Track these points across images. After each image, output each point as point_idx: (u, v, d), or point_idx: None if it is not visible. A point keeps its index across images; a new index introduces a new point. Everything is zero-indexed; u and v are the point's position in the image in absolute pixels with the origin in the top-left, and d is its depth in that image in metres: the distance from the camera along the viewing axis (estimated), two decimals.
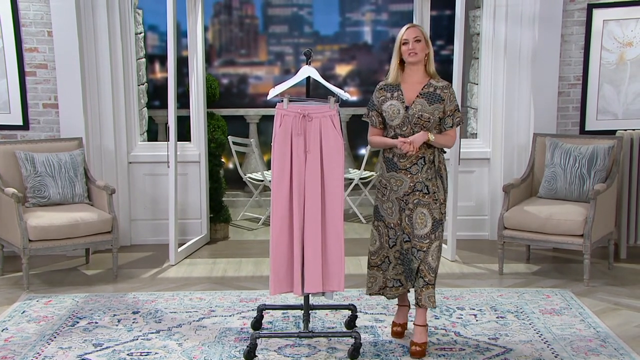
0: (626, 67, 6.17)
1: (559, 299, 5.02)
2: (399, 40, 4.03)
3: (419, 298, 4.07)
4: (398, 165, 4.06)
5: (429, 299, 4.06)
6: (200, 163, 6.57)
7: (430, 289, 4.05)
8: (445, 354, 4.13)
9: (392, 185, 4.09)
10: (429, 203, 4.03)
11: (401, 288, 4.25)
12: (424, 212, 4.03)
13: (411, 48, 3.99)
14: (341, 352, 4.14)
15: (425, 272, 4.03)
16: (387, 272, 4.23)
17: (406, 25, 4.08)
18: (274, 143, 3.99)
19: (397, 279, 4.23)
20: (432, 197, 4.03)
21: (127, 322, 4.64)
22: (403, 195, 4.06)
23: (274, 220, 4.02)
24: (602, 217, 5.42)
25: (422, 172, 4.03)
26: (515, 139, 6.36)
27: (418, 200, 4.03)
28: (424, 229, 4.03)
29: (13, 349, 4.24)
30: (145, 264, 5.98)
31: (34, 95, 6.12)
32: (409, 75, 4.08)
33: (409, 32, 4.01)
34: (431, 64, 4.07)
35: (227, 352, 4.16)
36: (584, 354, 4.11)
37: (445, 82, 4.09)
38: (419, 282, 4.06)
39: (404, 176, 4.05)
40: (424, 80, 4.06)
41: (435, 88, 4.04)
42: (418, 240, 4.03)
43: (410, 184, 4.04)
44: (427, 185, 4.03)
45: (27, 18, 6.01)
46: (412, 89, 4.05)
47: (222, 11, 11.37)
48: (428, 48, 4.04)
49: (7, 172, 5.65)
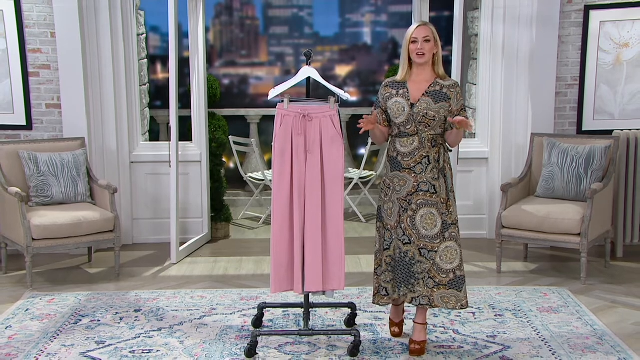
0: (622, 68, 6.17)
1: (556, 297, 5.02)
2: (408, 37, 3.94)
3: (430, 298, 3.96)
4: (402, 165, 3.99)
5: (443, 299, 3.96)
6: (201, 163, 6.57)
7: (442, 289, 3.95)
8: (444, 351, 4.13)
9: (395, 185, 4.01)
10: (436, 203, 3.95)
11: (386, 298, 4.14)
12: (432, 213, 3.95)
13: (420, 48, 3.91)
14: (341, 350, 4.14)
15: (435, 272, 3.95)
16: (380, 277, 4.16)
17: (416, 23, 3.98)
18: (275, 143, 3.99)
19: (384, 286, 4.14)
20: (439, 196, 3.96)
21: (129, 320, 4.64)
22: (406, 195, 3.97)
23: (275, 220, 4.02)
24: (599, 216, 5.42)
25: (427, 172, 3.95)
26: (513, 139, 6.36)
27: (424, 200, 3.95)
28: (434, 229, 3.95)
29: (17, 346, 4.25)
30: (147, 262, 5.99)
31: (37, 96, 6.13)
32: (416, 73, 4.00)
33: (419, 31, 3.92)
34: (439, 64, 4.00)
35: (228, 350, 4.16)
36: (581, 351, 4.11)
37: (453, 81, 4.02)
38: (428, 282, 3.96)
39: (407, 176, 3.97)
40: (431, 79, 3.99)
41: (442, 87, 3.97)
42: (429, 240, 3.95)
43: (414, 184, 3.96)
44: (433, 185, 3.95)
45: (30, 19, 6.01)
46: (419, 87, 3.98)
47: (223, 12, 11.36)
48: (437, 48, 3.96)
49: (11, 171, 5.65)
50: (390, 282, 4.12)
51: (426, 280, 3.97)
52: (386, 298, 4.15)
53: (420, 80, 3.99)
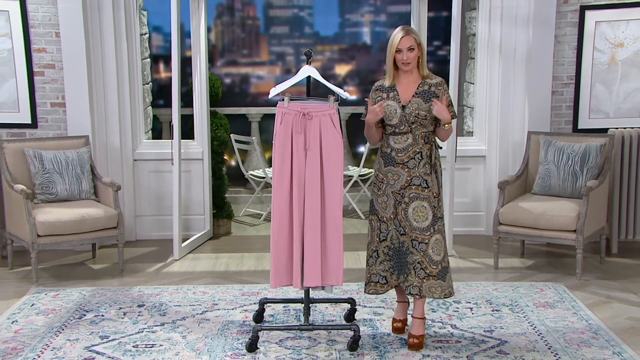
0: (617, 68, 6.18)
1: (552, 292, 5.03)
2: (393, 47, 4.01)
3: (420, 288, 4.03)
4: (396, 160, 4.05)
5: (430, 289, 4.03)
6: (203, 160, 6.58)
7: (432, 280, 4.01)
8: (442, 346, 4.14)
9: (389, 179, 4.08)
10: (428, 197, 4.02)
11: (386, 286, 4.18)
12: (424, 206, 4.02)
13: (405, 59, 3.99)
14: (340, 345, 4.15)
15: (426, 264, 4.01)
16: (373, 267, 4.20)
17: (400, 33, 4.01)
18: (275, 141, 4.00)
19: (383, 275, 4.18)
20: (431, 191, 4.04)
21: (132, 315, 4.66)
22: (400, 188, 4.05)
23: (275, 216, 4.03)
24: (594, 213, 5.44)
25: (420, 167, 4.02)
26: (510, 137, 6.37)
27: (416, 194, 4.02)
28: (425, 221, 4.02)
29: (23, 340, 4.26)
30: (150, 258, 6.00)
31: (42, 95, 6.13)
32: (403, 77, 4.08)
33: (403, 42, 3.97)
34: (424, 65, 4.09)
35: (230, 344, 4.18)
36: (576, 345, 4.13)
37: (439, 79, 4.10)
38: (419, 273, 4.03)
39: (401, 170, 4.04)
40: (418, 80, 4.07)
41: (430, 86, 4.06)
42: (419, 232, 4.02)
43: (407, 178, 4.03)
44: (425, 179, 4.03)
45: (35, 20, 6.02)
46: (408, 89, 4.06)
47: (224, 12, 11.38)
48: (420, 52, 4.03)
49: (17, 169, 5.66)
50: (388, 271, 4.18)
51: (417, 271, 4.04)
52: (386, 286, 4.20)
53: (408, 82, 4.08)
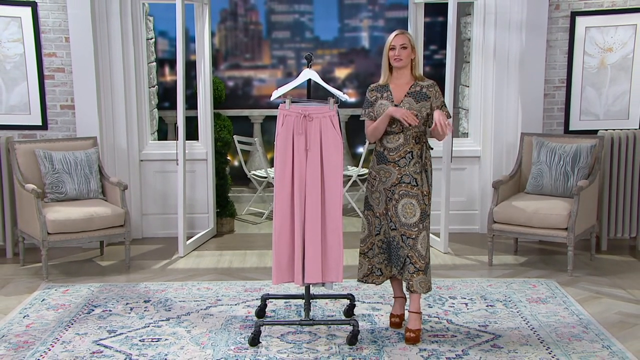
0: (607, 71, 6.17)
1: (544, 288, 5.03)
2: (387, 45, 4.08)
3: (411, 283, 4.07)
4: (387, 159, 4.09)
5: (420, 284, 4.06)
6: (207, 161, 6.57)
7: (421, 275, 4.05)
8: (438, 340, 4.14)
9: (381, 176, 4.11)
10: (417, 195, 4.04)
11: (382, 277, 4.24)
12: (412, 203, 4.04)
13: (397, 55, 4.04)
14: (340, 339, 4.15)
15: (415, 258, 4.04)
16: (372, 260, 4.24)
17: (395, 32, 4.11)
18: (277, 142, 4.00)
19: (379, 267, 4.23)
20: (420, 189, 4.05)
21: (139, 310, 4.66)
22: (390, 186, 4.08)
23: (277, 215, 4.02)
24: (585, 211, 5.43)
25: (410, 166, 4.05)
26: (504, 138, 6.37)
27: (405, 191, 4.04)
28: (413, 218, 4.04)
29: (34, 334, 4.26)
30: (155, 255, 6.00)
31: (52, 97, 6.13)
32: (396, 77, 4.13)
33: (396, 39, 4.06)
34: (417, 68, 4.14)
35: (233, 339, 4.17)
36: (567, 339, 4.12)
37: (431, 81, 4.15)
38: (409, 268, 4.06)
39: (392, 168, 4.07)
40: (410, 81, 4.12)
41: (421, 87, 4.09)
42: (407, 228, 4.04)
43: (397, 176, 4.06)
44: (415, 178, 4.05)
45: (46, 25, 6.02)
46: (400, 89, 4.10)
47: (228, 18, 11.37)
48: (414, 54, 4.09)
49: (28, 169, 5.66)
50: (383, 263, 4.22)
51: (407, 266, 4.07)
52: (381, 277, 4.24)
53: (401, 83, 4.12)
